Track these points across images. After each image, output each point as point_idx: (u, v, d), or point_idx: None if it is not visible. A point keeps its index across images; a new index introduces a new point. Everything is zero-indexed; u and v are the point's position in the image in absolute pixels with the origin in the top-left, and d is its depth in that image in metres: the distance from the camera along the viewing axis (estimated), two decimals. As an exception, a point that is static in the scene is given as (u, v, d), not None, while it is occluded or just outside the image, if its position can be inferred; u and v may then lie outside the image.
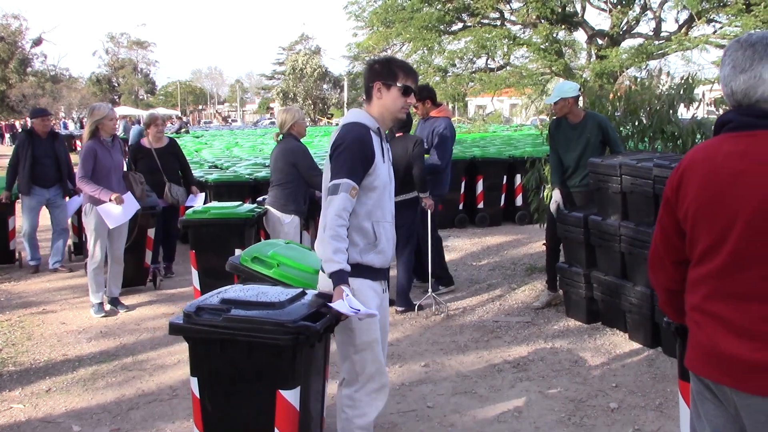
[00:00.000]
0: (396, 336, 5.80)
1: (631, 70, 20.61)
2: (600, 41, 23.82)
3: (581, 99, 7.02)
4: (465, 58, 23.99)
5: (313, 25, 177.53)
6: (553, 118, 6.54)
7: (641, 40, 23.37)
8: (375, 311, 3.20)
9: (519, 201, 11.04)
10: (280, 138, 6.16)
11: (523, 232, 10.17)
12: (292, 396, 3.11)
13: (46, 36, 76.01)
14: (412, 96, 3.35)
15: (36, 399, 4.73)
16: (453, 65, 23.86)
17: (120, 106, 59.67)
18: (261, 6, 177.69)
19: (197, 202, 7.65)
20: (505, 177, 11.03)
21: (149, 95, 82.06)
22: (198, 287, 6.04)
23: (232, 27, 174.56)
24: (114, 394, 4.79)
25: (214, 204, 6.93)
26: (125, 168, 7.22)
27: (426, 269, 6.77)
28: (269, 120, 56.58)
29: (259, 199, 6.65)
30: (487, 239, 9.76)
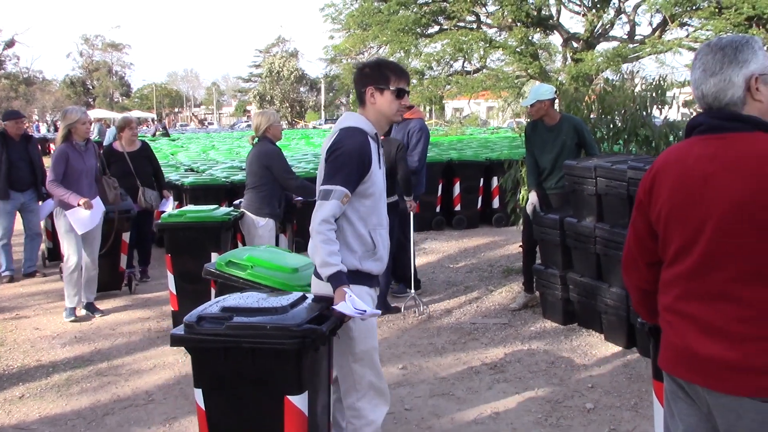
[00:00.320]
0: (373, 339, 5.79)
1: (607, 72, 20.80)
2: (575, 44, 24.00)
3: (557, 102, 7.07)
4: (442, 60, 24.08)
5: (291, 28, 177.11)
6: (530, 120, 6.58)
7: (616, 43, 23.62)
8: (378, 310, 3.20)
9: (496, 203, 11.08)
10: (255, 141, 6.15)
11: (500, 234, 10.22)
12: (300, 401, 3.05)
13: (19, 38, 75.27)
14: (406, 98, 3.30)
15: (9, 405, 4.67)
16: (430, 68, 23.94)
17: (95, 109, 59.19)
18: (237, 8, 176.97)
19: (168, 206, 7.61)
20: (482, 179, 11.07)
21: (124, 98, 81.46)
22: (174, 291, 6.00)
23: (208, 29, 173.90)
24: (89, 399, 4.74)
25: (190, 207, 6.89)
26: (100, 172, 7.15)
27: (403, 271, 6.79)
28: (246, 123, 56.39)
29: (236, 203, 6.62)
30: (464, 241, 9.79)
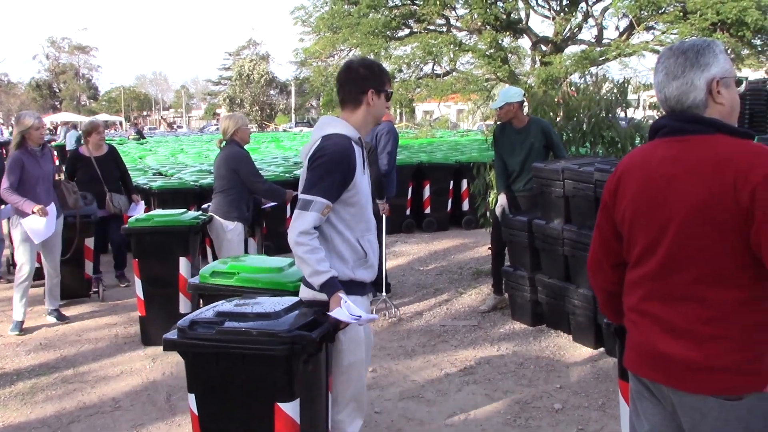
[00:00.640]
0: (343, 342, 5.78)
1: (574, 76, 21.04)
2: (544, 47, 24.24)
3: (525, 104, 7.12)
4: (412, 63, 24.16)
5: (261, 31, 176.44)
6: (498, 123, 6.62)
7: (584, 46, 23.89)
8: (375, 315, 3.16)
9: (466, 206, 11.12)
10: (223, 144, 6.11)
11: (470, 236, 10.26)
12: (291, 408, 3.00)
13: (-17, 40, 73.94)
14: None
15: (-29, 414, 4.58)
16: (400, 71, 24.00)
17: (61, 112, 58.38)
18: (207, 11, 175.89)
19: (138, 210, 7.51)
20: (452, 182, 11.11)
21: (92, 101, 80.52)
22: (141, 296, 5.92)
23: (177, 32, 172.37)
24: (54, 407, 4.67)
25: (158, 211, 6.81)
26: (60, 177, 7.05)
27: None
28: (215, 126, 55.97)
29: (204, 206, 6.56)
30: (434, 244, 9.81)
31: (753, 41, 22.59)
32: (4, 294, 7.61)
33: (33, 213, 6.02)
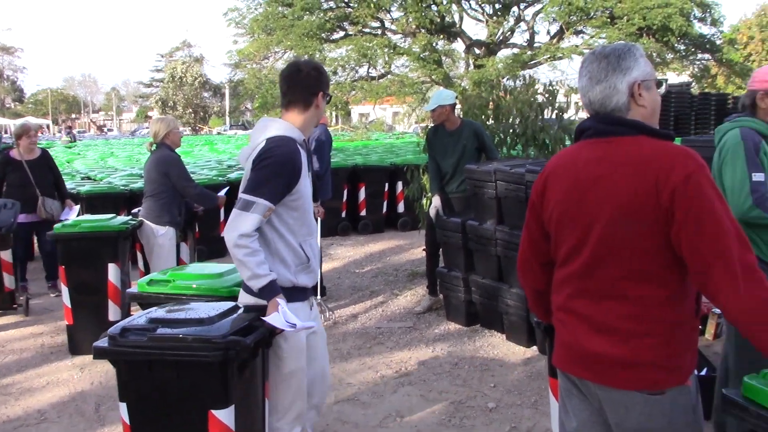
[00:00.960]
0: (279, 346, 5.72)
1: (507, 79, 21.39)
2: (477, 51, 24.57)
3: (458, 107, 7.20)
4: (347, 66, 24.15)
5: (195, 32, 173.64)
6: (431, 125, 6.67)
7: (516, 50, 24.32)
8: (312, 323, 3.12)
9: (401, 208, 11.17)
10: (154, 148, 5.98)
11: (405, 238, 10.30)
12: (225, 416, 2.94)
13: None
14: None
15: None
16: (335, 73, 23.97)
17: (-16, 115, 56.34)
18: (138, 12, 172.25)
19: (72, 215, 7.28)
20: (387, 184, 11.15)
21: (17, 103, 77.91)
22: (68, 304, 5.74)
23: (107, 33, 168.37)
24: (-25, 421, 4.49)
25: (86, 217, 6.62)
26: None
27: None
28: (147, 129, 54.85)
29: (134, 211, 6.40)
30: (370, 246, 9.82)
31: (677, 46, 23.42)
32: None
33: None
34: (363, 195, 10.94)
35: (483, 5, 24.68)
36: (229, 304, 3.22)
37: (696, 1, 22.89)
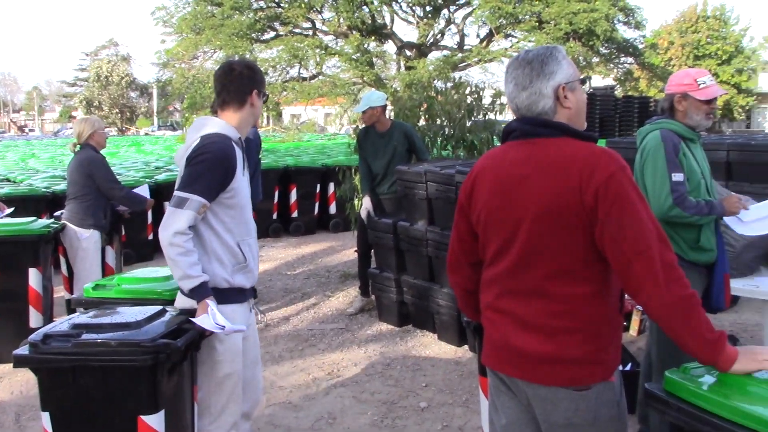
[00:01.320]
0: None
1: (437, 82, 21.61)
2: (408, 52, 24.74)
3: (389, 108, 7.23)
4: (278, 66, 23.99)
5: (122, 31, 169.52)
6: (362, 127, 6.68)
7: (447, 52, 24.59)
8: (242, 326, 3.05)
9: (333, 209, 11.15)
10: (77, 149, 5.81)
11: (337, 239, 10.28)
12: (155, 421, 2.87)
13: None
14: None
15: None
16: (266, 74, 23.76)
17: None
18: (61, 9, 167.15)
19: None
20: (319, 185, 11.11)
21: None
22: (-13, 311, 5.53)
23: (28, 30, 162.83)
24: None
25: (5, 220, 6.38)
26: None
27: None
28: (71, 129, 53.37)
29: (57, 214, 6.20)
30: (302, 248, 9.77)
31: (602, 50, 24.08)
32: None
33: None
34: (294, 196, 10.88)
35: (414, 7, 24.89)
36: (157, 307, 3.16)
37: (619, 5, 23.61)
